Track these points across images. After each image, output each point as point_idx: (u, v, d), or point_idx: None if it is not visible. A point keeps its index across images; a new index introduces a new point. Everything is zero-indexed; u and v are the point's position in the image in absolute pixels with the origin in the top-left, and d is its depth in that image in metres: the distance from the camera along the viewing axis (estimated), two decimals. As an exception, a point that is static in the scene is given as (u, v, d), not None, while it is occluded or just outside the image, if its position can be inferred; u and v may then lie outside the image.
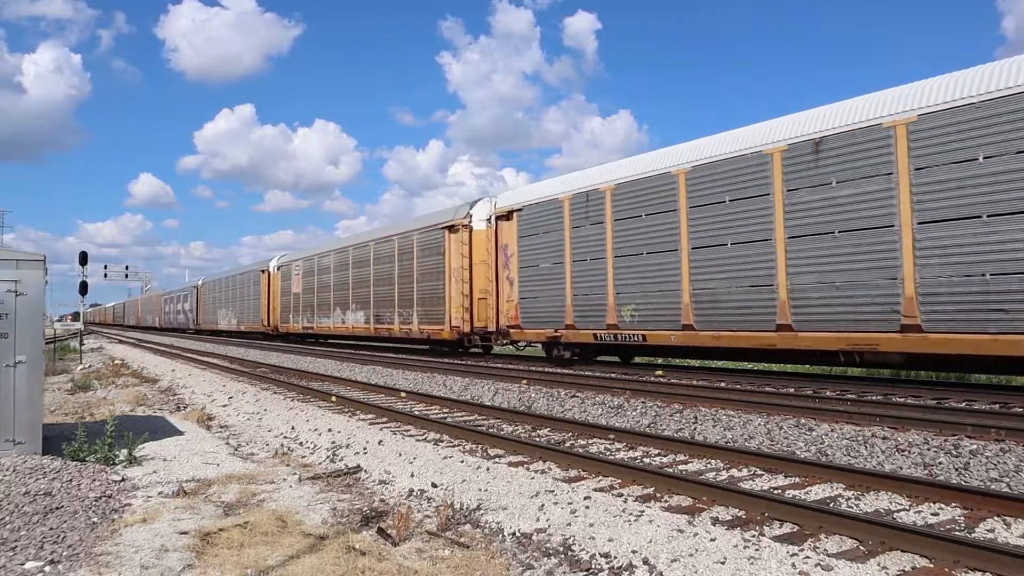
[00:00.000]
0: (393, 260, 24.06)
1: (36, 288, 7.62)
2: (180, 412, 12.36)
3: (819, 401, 10.16)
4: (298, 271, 33.57)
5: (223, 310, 46.49)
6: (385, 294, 24.55)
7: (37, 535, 5.08)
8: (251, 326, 40.21)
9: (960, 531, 5.01)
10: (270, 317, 37.42)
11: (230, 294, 45.11)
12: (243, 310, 41.85)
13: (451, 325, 20.17)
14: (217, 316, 47.93)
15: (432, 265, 21.44)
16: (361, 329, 26.54)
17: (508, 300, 18.66)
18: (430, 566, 4.52)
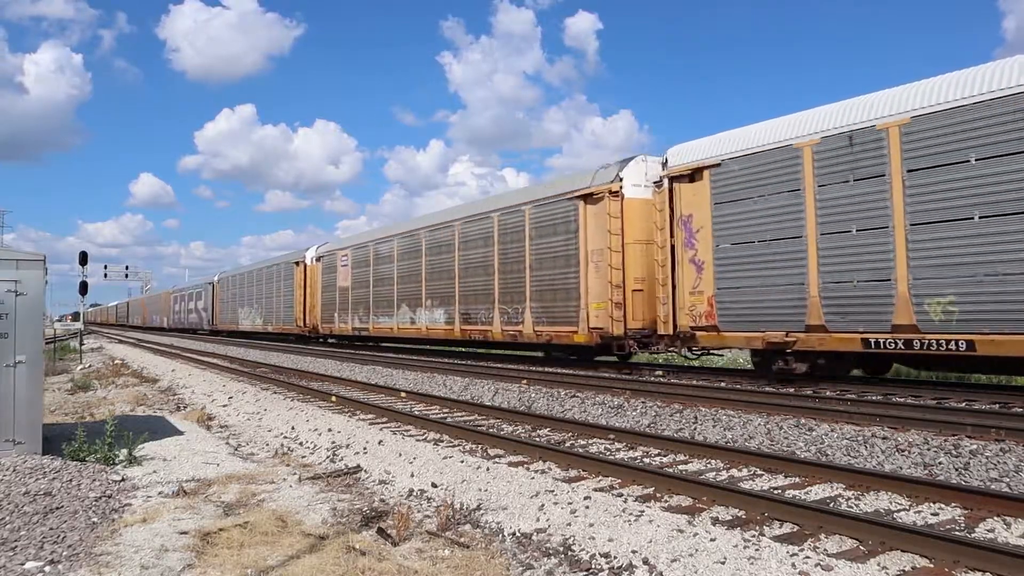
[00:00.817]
0: (491, 243, 19.04)
1: (36, 288, 7.62)
2: (180, 412, 12.36)
3: (819, 401, 10.16)
4: (346, 262, 28.22)
5: (245, 309, 41.36)
6: (477, 287, 19.60)
7: (37, 535, 5.08)
8: (281, 327, 34.94)
9: (960, 531, 5.01)
10: (307, 316, 31.97)
11: (254, 290, 39.84)
12: (271, 308, 36.72)
13: (589, 326, 15.35)
14: (238, 315, 42.66)
15: (556, 247, 16.61)
16: (440, 330, 21.33)
17: (695, 291, 13.36)
18: (430, 566, 4.52)
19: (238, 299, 43.13)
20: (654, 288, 14.60)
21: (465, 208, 21.76)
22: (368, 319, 26.38)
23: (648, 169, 15.33)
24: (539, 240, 17.31)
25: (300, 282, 32.49)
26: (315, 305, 31.23)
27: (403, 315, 23.85)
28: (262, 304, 38.33)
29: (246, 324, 40.91)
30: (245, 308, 41.39)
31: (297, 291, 32.71)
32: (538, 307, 17.20)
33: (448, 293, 21.05)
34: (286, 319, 34.25)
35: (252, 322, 39.80)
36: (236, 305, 43.33)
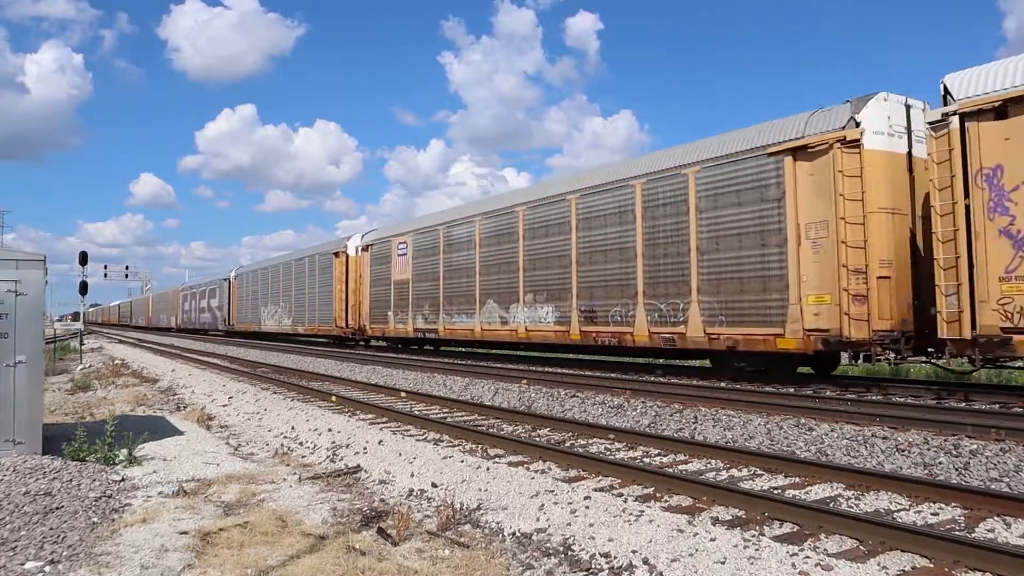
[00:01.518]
0: (630, 219, 14.79)
1: (36, 288, 7.62)
2: (180, 412, 12.36)
3: (819, 401, 10.16)
4: (404, 250, 23.84)
5: (269, 307, 36.79)
6: (609, 276, 15.35)
7: (37, 535, 5.08)
8: (316, 328, 30.60)
9: (960, 531, 5.01)
10: (349, 316, 27.48)
11: (279, 287, 35.31)
12: (301, 307, 32.35)
13: (804, 327, 11.43)
14: (260, 315, 38.13)
15: (742, 221, 12.58)
16: (548, 332, 17.03)
17: (1010, 276, 9.31)
18: (430, 566, 4.52)
19: (260, 296, 38.55)
20: (904, 274, 11.12)
21: (584, 177, 17.13)
22: (437, 318, 21.71)
23: (892, 111, 11.38)
24: (713, 212, 13.09)
25: (340, 276, 27.98)
26: (360, 302, 26.69)
27: (489, 313, 19.26)
28: (290, 302, 33.88)
29: (270, 324, 36.49)
30: (269, 307, 36.82)
31: (336, 286, 28.07)
32: (712, 302, 13.01)
33: (560, 285, 16.72)
34: (321, 319, 29.85)
35: (278, 322, 35.42)
36: (258, 303, 38.78)
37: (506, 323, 18.63)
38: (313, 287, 31.09)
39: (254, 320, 39.35)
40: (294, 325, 33.33)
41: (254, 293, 39.76)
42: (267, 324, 36.99)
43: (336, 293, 28.43)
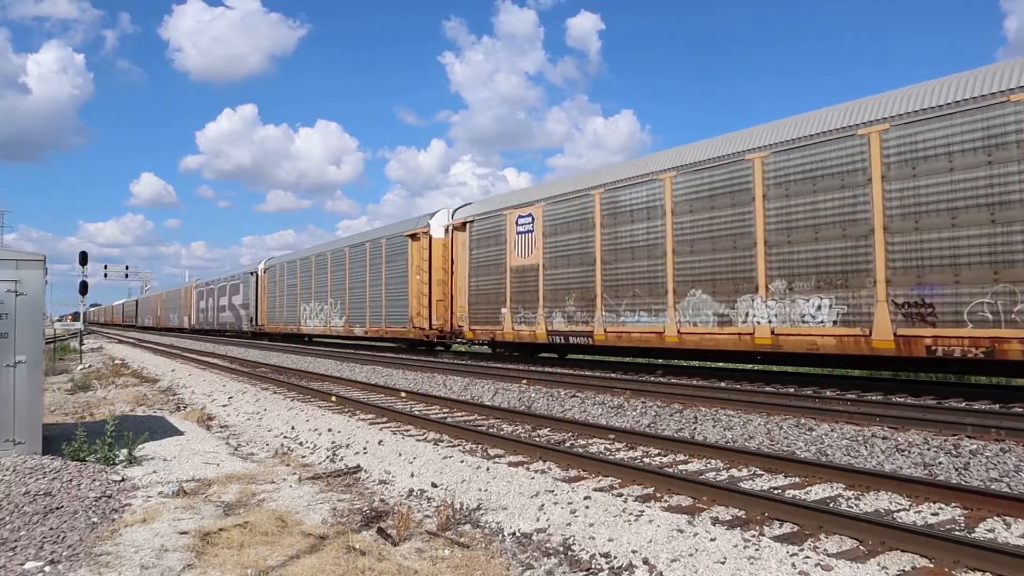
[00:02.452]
0: None
1: (36, 288, 7.62)
2: (180, 412, 12.36)
3: (819, 401, 10.16)
4: (528, 225, 17.91)
5: (312, 305, 31.20)
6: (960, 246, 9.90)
7: (37, 535, 5.08)
8: (383, 329, 24.72)
9: (960, 531, 5.01)
10: (433, 313, 21.65)
11: (329, 280, 29.67)
12: (361, 303, 26.41)
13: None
14: (300, 314, 32.55)
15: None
16: (820, 335, 11.56)
17: None
18: (430, 566, 4.52)
19: (300, 292, 32.63)
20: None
21: (895, 98, 10.97)
22: (591, 317, 15.76)
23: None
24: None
25: (420, 263, 22.21)
26: (452, 296, 20.76)
27: (695, 309, 13.63)
28: (342, 298, 28.11)
29: (313, 326, 30.85)
30: (313, 304, 31.06)
31: (413, 277, 22.47)
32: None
33: (845, 263, 11.26)
34: (391, 318, 24.12)
35: (324, 322, 29.74)
36: (296, 300, 33.08)
37: (729, 323, 12.96)
38: (378, 279, 25.23)
39: (291, 320, 33.59)
40: (349, 326, 27.26)
41: (291, 288, 33.77)
42: (309, 325, 31.27)
43: (413, 286, 22.54)
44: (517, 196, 19.32)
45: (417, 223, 23.28)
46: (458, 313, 20.74)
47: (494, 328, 19.26)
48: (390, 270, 24.80)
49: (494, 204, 20.13)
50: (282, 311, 35.39)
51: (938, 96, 10.40)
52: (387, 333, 24.99)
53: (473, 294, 20.16)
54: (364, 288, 26.64)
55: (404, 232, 23.83)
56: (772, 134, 12.69)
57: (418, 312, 22.59)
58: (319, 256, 31.41)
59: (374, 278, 25.98)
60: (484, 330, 19.72)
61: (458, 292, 20.82)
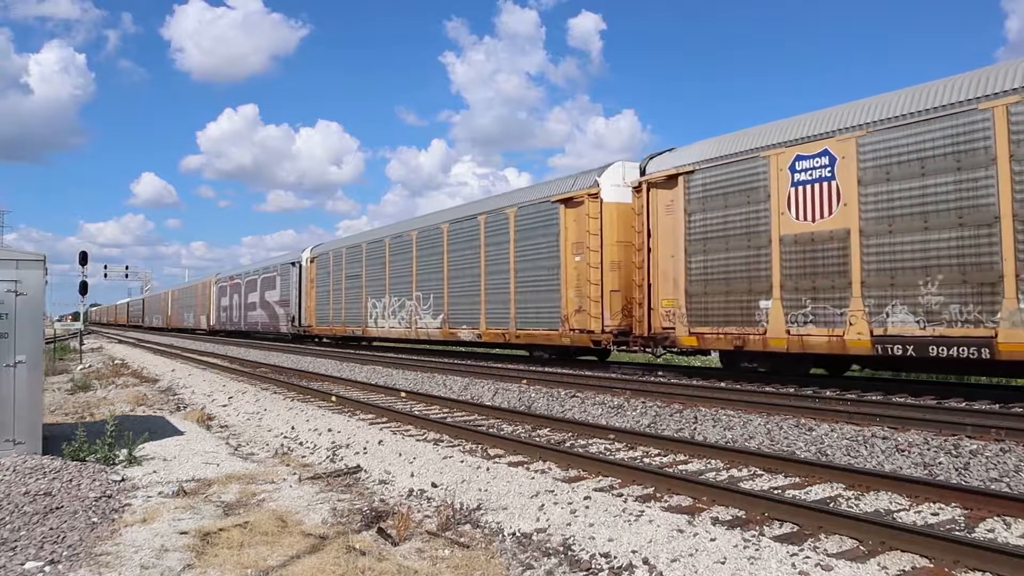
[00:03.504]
0: None
1: (36, 288, 7.62)
2: (180, 412, 12.36)
3: (819, 401, 10.16)
4: (821, 169, 11.49)
5: (384, 300, 24.67)
6: None
7: (37, 535, 5.08)
8: (514, 333, 18.13)
9: (960, 531, 5.01)
10: (607, 310, 15.44)
11: (409, 267, 23.15)
12: (471, 297, 19.86)
13: None
14: (364, 313, 26.08)
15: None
16: None
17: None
18: (430, 566, 4.52)
19: (367, 285, 25.96)
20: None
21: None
22: (990, 308, 9.51)
23: None
24: None
25: (580, 239, 15.96)
26: (648, 283, 14.38)
27: None
28: (438, 292, 21.43)
29: (389, 327, 24.41)
30: (388, 300, 24.41)
31: (569, 259, 16.18)
32: None
33: None
34: (530, 318, 17.60)
35: (407, 323, 23.20)
36: (361, 295, 26.32)
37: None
38: (501, 263, 18.60)
39: (352, 320, 27.08)
40: (450, 328, 20.76)
41: (353, 280, 27.16)
42: (381, 326, 24.92)
43: (569, 271, 16.23)
44: (789, 127, 12.22)
45: (575, 183, 16.51)
46: (662, 308, 14.04)
47: (743, 330, 12.54)
48: (525, 250, 17.83)
49: (740, 143, 12.98)
50: (338, 309, 28.24)
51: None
52: (519, 338, 18.01)
53: (696, 279, 13.38)
54: (476, 277, 19.62)
55: (551, 196, 16.92)
56: None
57: (578, 308, 15.90)
58: (397, 238, 24.20)
59: (494, 262, 18.98)
60: (721, 334, 12.95)
61: (660, 278, 14.08)
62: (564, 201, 16.58)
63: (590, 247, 15.63)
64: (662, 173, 14.23)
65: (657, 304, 14.24)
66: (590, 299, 15.58)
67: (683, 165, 13.87)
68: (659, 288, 14.21)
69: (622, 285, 15.47)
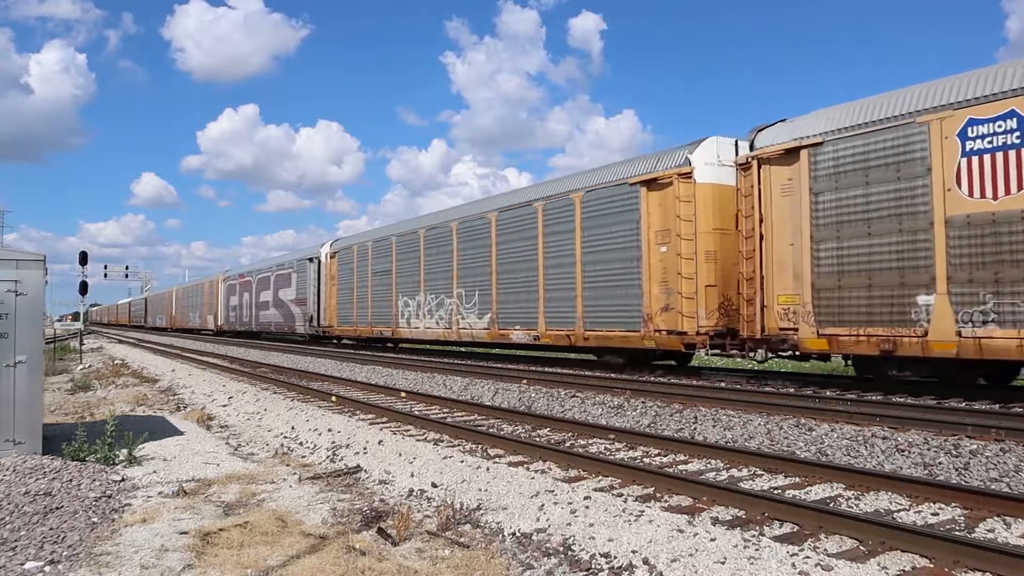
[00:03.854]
0: None
1: (36, 288, 7.62)
2: (180, 412, 12.36)
3: (819, 401, 10.15)
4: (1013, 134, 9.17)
5: (419, 298, 22.16)
6: None
7: (37, 535, 5.08)
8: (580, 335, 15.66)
9: (960, 531, 5.01)
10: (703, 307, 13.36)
11: (449, 262, 20.60)
12: (522, 294, 17.57)
13: None
14: (395, 312, 23.53)
15: None
16: None
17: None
18: (430, 566, 4.52)
19: (398, 281, 23.55)
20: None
21: None
22: None
23: None
24: None
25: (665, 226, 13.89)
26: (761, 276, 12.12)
27: None
28: (484, 288, 19.06)
29: (425, 328, 21.97)
30: (422, 297, 22.05)
31: (653, 250, 14.11)
32: None
33: None
34: (599, 317, 15.25)
35: (446, 323, 20.71)
36: (391, 292, 23.91)
37: None
38: (563, 255, 16.21)
39: (380, 320, 24.55)
40: (499, 328, 18.37)
41: (381, 277, 24.61)
42: (415, 326, 22.39)
43: (653, 262, 14.04)
44: (957, 86, 9.96)
45: (659, 161, 14.34)
46: (779, 306, 11.85)
47: (894, 332, 10.33)
48: (595, 240, 15.45)
49: (886, 107, 10.73)
50: (363, 308, 25.75)
51: None
52: (588, 340, 15.58)
53: (826, 271, 11.21)
54: (532, 271, 17.21)
55: (629, 178, 14.72)
56: None
57: (665, 305, 13.75)
58: (433, 230, 21.68)
59: (556, 254, 16.50)
60: (862, 336, 10.70)
61: (775, 269, 11.90)
62: (646, 183, 14.24)
63: (681, 235, 13.44)
64: (778, 147, 11.87)
65: (771, 300, 11.90)
66: (681, 295, 13.36)
67: (807, 137, 11.60)
68: (774, 282, 11.88)
69: (718, 279, 13.33)
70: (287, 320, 33.21)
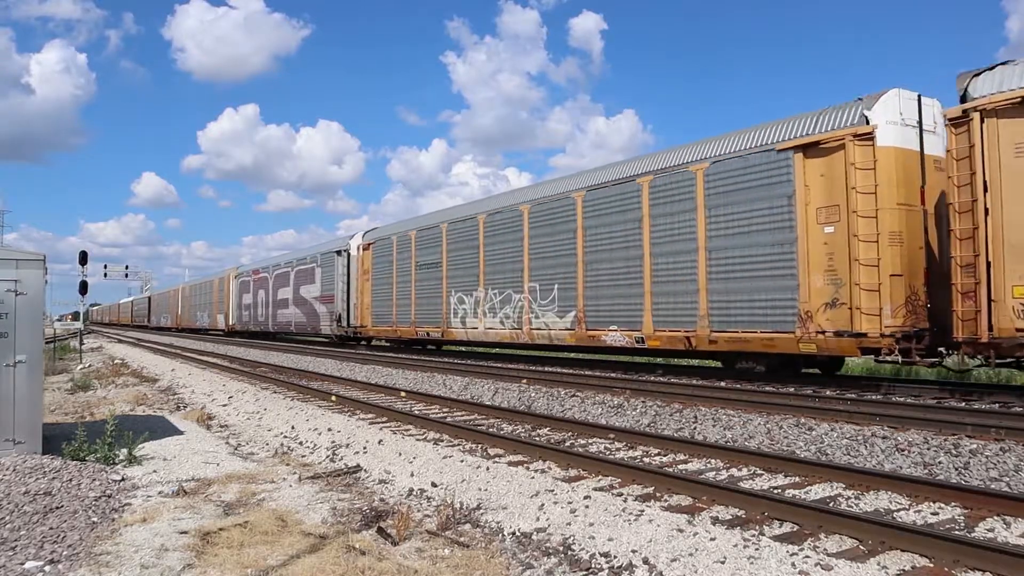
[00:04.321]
0: None
1: (36, 288, 7.61)
2: (180, 411, 12.36)
3: (819, 401, 10.16)
4: None
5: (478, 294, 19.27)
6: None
7: (37, 535, 5.08)
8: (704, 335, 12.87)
9: (960, 530, 5.01)
10: (890, 302, 10.71)
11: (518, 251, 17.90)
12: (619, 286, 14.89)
13: None
14: (446, 310, 20.68)
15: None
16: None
17: None
18: (430, 565, 4.52)
19: (450, 275, 20.57)
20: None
21: None
22: None
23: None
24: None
25: (823, 200, 11.42)
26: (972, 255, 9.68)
27: None
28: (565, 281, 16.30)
29: (485, 328, 18.88)
30: (481, 292, 19.14)
31: (811, 232, 11.50)
32: None
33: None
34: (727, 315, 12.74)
35: (514, 321, 17.80)
36: (442, 288, 20.86)
37: None
38: (681, 240, 13.60)
39: (425, 319, 21.66)
40: (592, 329, 15.36)
41: (428, 269, 21.76)
42: (472, 326, 19.40)
43: (812, 247, 11.55)
44: None
45: (820, 120, 11.83)
46: (1014, 299, 9.47)
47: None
48: (723, 220, 12.90)
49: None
50: (404, 306, 22.99)
51: None
52: (715, 344, 12.89)
53: None
54: (635, 260, 14.44)
55: (776, 144, 12.16)
56: None
57: (832, 300, 11.22)
58: (497, 215, 18.89)
59: (668, 239, 13.83)
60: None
61: (1008, 253, 9.52)
62: (802, 148, 11.68)
63: (858, 211, 10.91)
64: (1009, 96, 9.41)
65: (1003, 293, 9.40)
66: (859, 287, 10.84)
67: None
68: (1005, 269, 9.42)
69: (904, 267, 10.93)
70: (310, 319, 30.45)
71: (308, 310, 30.74)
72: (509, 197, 19.55)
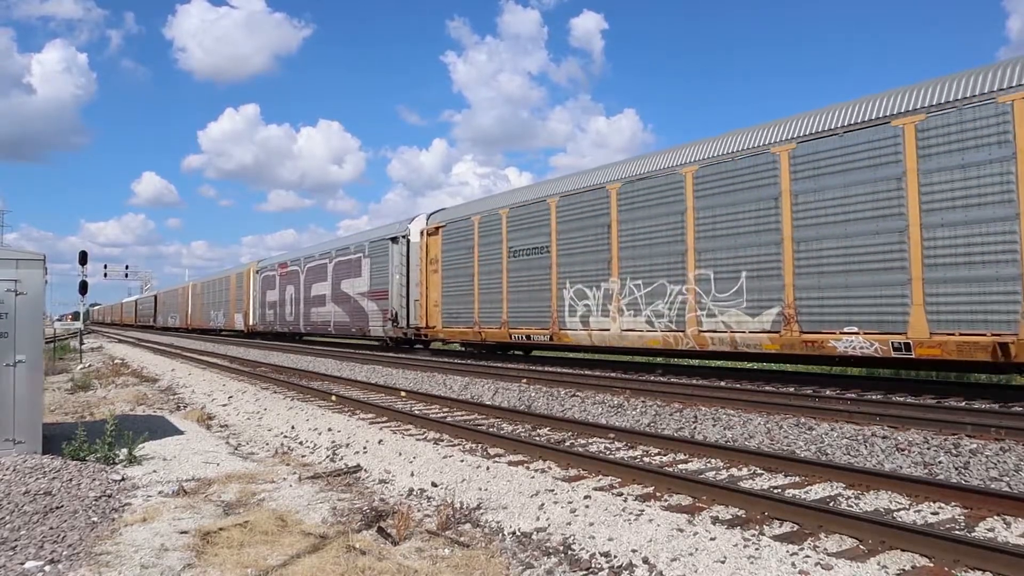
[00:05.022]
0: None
1: (36, 288, 7.62)
2: (180, 411, 12.36)
3: (819, 400, 10.16)
4: None
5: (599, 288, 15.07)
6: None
7: (37, 534, 5.08)
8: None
9: (960, 530, 5.01)
10: None
11: (680, 231, 13.22)
12: (878, 275, 10.20)
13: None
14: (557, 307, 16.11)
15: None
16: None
17: None
18: (430, 565, 4.52)
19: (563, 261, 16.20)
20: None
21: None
22: None
23: None
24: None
25: None
26: None
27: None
28: (763, 264, 11.92)
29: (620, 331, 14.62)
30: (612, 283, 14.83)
31: None
32: None
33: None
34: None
35: (671, 322, 13.57)
36: (551, 280, 16.49)
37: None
38: (980, 204, 9.26)
39: (523, 319, 17.37)
40: (810, 330, 11.21)
41: (527, 257, 17.38)
42: (600, 327, 15.09)
43: None
44: None
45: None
46: None
47: None
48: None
49: None
50: (492, 303, 18.65)
51: None
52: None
53: None
54: (895, 232, 10.21)
55: None
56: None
57: None
58: (640, 182, 14.35)
59: (951, 203, 9.59)
60: None
61: None
62: None
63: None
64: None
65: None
66: None
67: None
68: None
69: None
70: (355, 319, 25.63)
71: (352, 308, 25.99)
72: (655, 159, 14.49)
